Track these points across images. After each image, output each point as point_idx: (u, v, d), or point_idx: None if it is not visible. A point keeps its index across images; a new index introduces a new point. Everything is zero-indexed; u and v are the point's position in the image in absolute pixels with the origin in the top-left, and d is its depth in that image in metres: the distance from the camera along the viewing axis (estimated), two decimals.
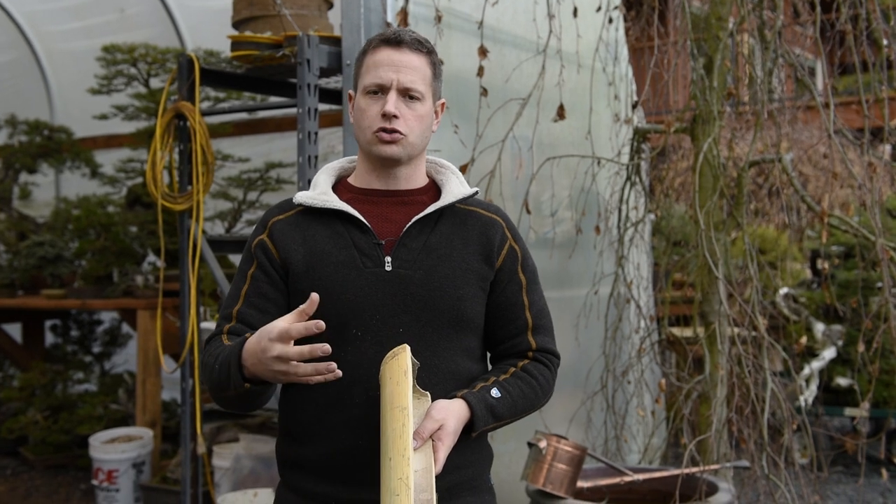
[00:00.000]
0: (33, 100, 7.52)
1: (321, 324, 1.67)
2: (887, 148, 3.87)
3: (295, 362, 1.69)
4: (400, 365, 1.73)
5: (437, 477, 1.68)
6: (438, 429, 1.74)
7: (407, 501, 1.58)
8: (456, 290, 1.89)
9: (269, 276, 1.91)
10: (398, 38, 1.91)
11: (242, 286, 1.93)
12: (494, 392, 1.86)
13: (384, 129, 1.87)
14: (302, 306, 1.69)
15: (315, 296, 1.70)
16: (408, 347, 1.75)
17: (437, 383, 1.84)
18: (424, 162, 2.02)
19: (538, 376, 1.95)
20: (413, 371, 1.73)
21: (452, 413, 1.78)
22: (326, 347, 1.68)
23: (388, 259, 1.88)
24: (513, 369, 1.94)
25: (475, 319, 1.93)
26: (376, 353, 1.84)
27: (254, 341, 1.73)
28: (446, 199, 1.94)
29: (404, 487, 1.60)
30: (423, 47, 1.93)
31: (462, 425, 1.80)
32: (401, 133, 1.88)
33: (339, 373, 1.71)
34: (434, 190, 2.00)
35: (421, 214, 1.91)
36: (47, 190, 7.37)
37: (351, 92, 2.00)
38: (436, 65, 1.96)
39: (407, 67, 1.89)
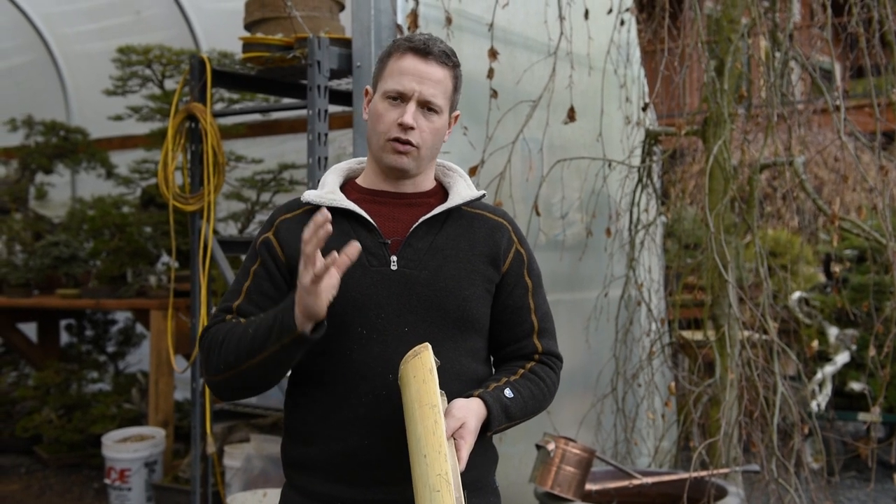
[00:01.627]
0: (50, 101, 7.58)
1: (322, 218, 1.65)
2: None
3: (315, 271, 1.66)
4: (424, 363, 1.73)
5: None
6: (460, 427, 1.74)
7: (448, 497, 1.59)
8: (461, 290, 1.89)
9: (271, 275, 1.92)
10: (427, 48, 1.90)
11: (244, 282, 1.93)
12: (507, 392, 1.87)
13: (398, 140, 1.88)
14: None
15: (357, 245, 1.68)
16: (429, 346, 1.76)
17: (441, 384, 1.83)
18: (433, 167, 2.02)
19: (545, 378, 1.96)
20: (436, 369, 1.74)
21: (472, 411, 1.78)
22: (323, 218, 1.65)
23: (394, 258, 1.88)
24: (521, 371, 1.95)
25: (480, 320, 1.93)
26: (381, 352, 1.84)
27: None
28: (454, 200, 1.95)
29: (445, 483, 1.60)
30: (449, 61, 1.92)
31: (481, 424, 1.80)
32: (413, 145, 1.88)
33: (328, 224, 1.67)
34: (441, 193, 2.01)
35: (428, 215, 1.92)
36: (63, 190, 7.42)
37: (369, 87, 1.99)
38: (458, 78, 1.96)
39: (430, 80, 1.89)
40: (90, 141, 6.62)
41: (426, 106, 1.89)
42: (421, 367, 1.73)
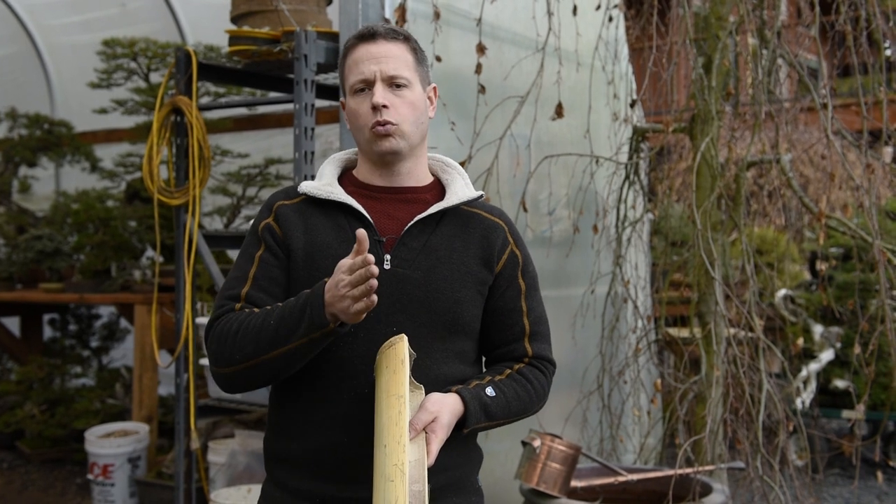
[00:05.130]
0: (34, 93, 7.53)
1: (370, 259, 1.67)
2: (888, 150, 3.86)
3: (349, 279, 1.66)
4: (397, 353, 1.72)
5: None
6: (432, 421, 1.73)
7: (402, 487, 1.57)
8: (453, 293, 1.87)
9: (279, 260, 1.89)
10: (372, 31, 1.90)
11: (249, 268, 1.89)
12: (489, 391, 1.85)
13: (378, 123, 1.86)
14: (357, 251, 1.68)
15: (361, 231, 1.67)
16: (405, 337, 1.74)
17: (427, 385, 1.82)
18: (426, 156, 2.00)
19: (533, 380, 1.93)
20: (409, 361, 1.73)
21: (447, 406, 1.77)
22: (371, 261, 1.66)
23: (388, 257, 1.86)
24: (508, 371, 1.93)
25: (471, 323, 1.91)
26: (367, 351, 1.82)
27: (329, 280, 1.71)
28: (450, 200, 1.92)
29: (399, 473, 1.58)
30: (398, 35, 1.91)
31: (455, 420, 1.78)
32: (393, 123, 1.86)
33: (375, 298, 1.69)
34: (438, 188, 1.98)
35: (423, 214, 1.89)
36: (47, 184, 7.38)
37: (343, 99, 1.98)
38: (416, 50, 1.94)
39: (386, 57, 1.87)
40: (74, 134, 6.57)
41: (392, 82, 1.87)
42: (394, 358, 1.72)
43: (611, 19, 4.33)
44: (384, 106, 1.85)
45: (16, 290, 6.10)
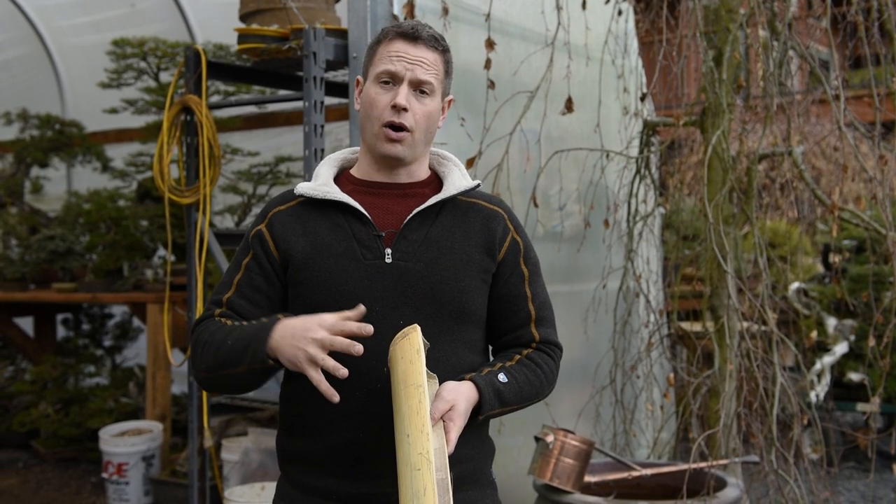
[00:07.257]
0: (45, 94, 7.56)
1: (359, 348, 1.71)
2: None
3: (324, 356, 1.70)
4: (412, 344, 1.72)
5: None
6: (449, 409, 1.73)
7: (428, 476, 1.57)
8: (457, 282, 1.88)
9: (263, 269, 1.91)
10: (416, 32, 1.90)
11: (236, 275, 1.92)
12: (501, 377, 1.85)
13: (392, 124, 1.86)
14: (349, 312, 1.74)
15: (362, 307, 1.74)
16: (418, 327, 1.75)
17: (439, 375, 1.82)
18: (427, 155, 2.00)
19: (543, 365, 1.94)
20: (424, 350, 1.73)
21: (462, 394, 1.77)
22: (359, 348, 1.70)
23: (388, 251, 1.87)
24: (518, 357, 1.93)
25: (477, 312, 1.92)
26: (376, 346, 1.82)
27: (296, 320, 1.74)
28: (448, 191, 1.93)
29: (425, 462, 1.59)
30: (439, 45, 1.92)
31: (471, 407, 1.78)
32: (407, 129, 1.87)
33: (345, 371, 1.71)
34: (436, 182, 1.99)
35: (421, 207, 1.90)
36: (59, 184, 7.41)
37: (359, 77, 1.98)
38: (449, 63, 1.95)
39: (422, 62, 1.88)
40: (85, 134, 6.59)
41: (418, 87, 1.88)
42: (408, 349, 1.73)
43: (620, 13, 4.31)
44: (404, 109, 1.86)
45: (29, 290, 6.12)
